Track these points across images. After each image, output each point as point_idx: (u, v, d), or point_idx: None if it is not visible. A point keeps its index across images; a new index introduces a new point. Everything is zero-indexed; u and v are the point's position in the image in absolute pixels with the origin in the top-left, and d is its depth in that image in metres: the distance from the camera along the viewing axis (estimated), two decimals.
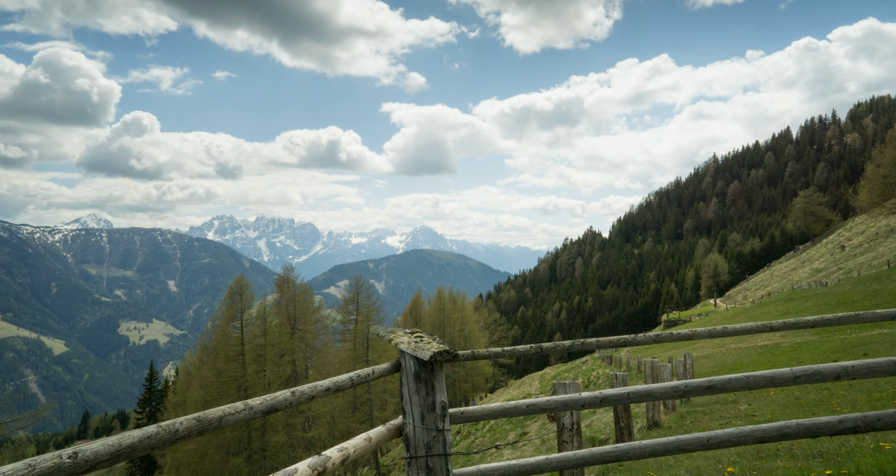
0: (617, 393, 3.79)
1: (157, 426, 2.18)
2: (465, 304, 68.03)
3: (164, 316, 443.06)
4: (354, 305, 41.63)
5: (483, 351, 3.74)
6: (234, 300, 37.88)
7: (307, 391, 2.92)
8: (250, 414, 2.57)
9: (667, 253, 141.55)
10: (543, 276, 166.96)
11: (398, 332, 3.83)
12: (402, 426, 3.58)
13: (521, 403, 3.69)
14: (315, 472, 2.89)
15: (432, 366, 3.47)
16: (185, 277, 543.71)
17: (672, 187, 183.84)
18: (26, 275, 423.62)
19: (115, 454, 2.01)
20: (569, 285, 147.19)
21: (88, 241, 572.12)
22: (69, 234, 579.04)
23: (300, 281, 45.18)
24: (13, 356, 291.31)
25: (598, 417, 15.67)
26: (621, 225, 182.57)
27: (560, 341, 3.94)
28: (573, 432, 5.47)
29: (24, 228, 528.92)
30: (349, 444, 3.23)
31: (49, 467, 1.81)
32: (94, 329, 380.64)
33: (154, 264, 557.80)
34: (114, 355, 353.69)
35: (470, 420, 3.64)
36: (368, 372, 3.43)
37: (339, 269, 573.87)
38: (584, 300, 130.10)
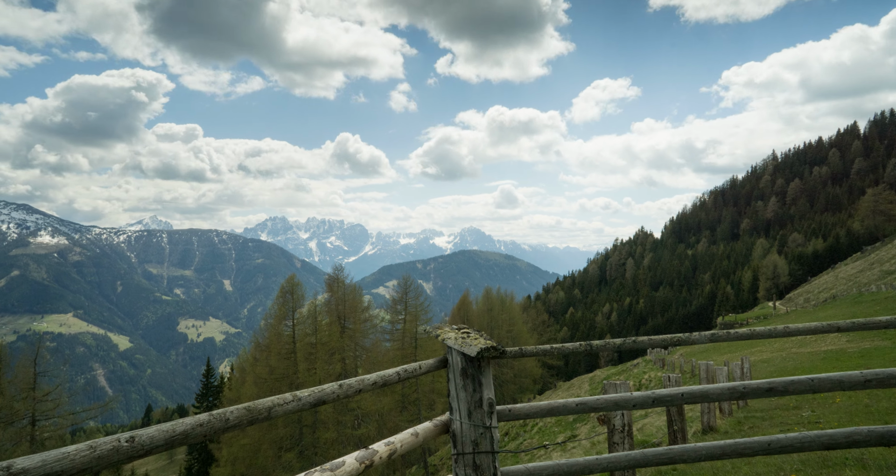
0: (670, 393, 3.66)
1: (208, 414, 2.23)
2: (513, 305, 67.63)
3: (220, 314, 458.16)
4: (403, 305, 42.00)
5: (531, 348, 3.67)
6: (285, 299, 38.74)
7: (354, 384, 2.93)
8: (298, 405, 2.60)
9: (722, 254, 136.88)
10: (593, 277, 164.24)
11: (445, 328, 3.81)
12: (448, 422, 3.55)
13: (570, 402, 3.61)
14: (362, 465, 2.89)
15: (479, 362, 3.44)
16: (240, 277, 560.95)
17: (728, 186, 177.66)
18: (94, 274, 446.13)
19: (169, 440, 2.06)
20: (619, 286, 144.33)
21: (150, 242, 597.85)
22: (132, 235, 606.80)
23: (349, 281, 45.83)
24: (83, 351, 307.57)
25: (650, 421, 15.26)
26: (674, 225, 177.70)
27: (610, 339, 3.83)
28: (624, 434, 5.32)
29: (93, 230, 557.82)
30: (396, 439, 3.24)
31: (108, 449, 1.89)
32: (156, 326, 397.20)
33: (210, 264, 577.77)
34: (173, 352, 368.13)
35: (518, 418, 3.58)
36: (415, 367, 3.43)
37: (387, 269, 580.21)
38: (636, 302, 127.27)
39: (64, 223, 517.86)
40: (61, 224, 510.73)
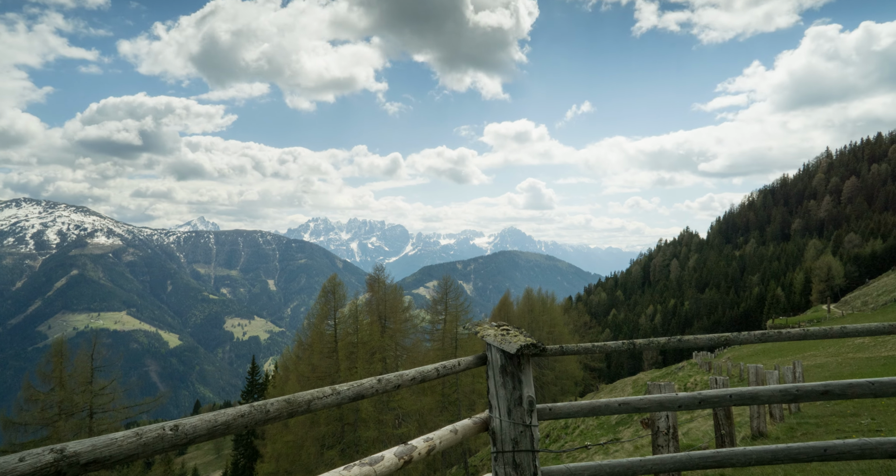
0: (717, 394, 3.53)
1: (249, 406, 2.26)
2: (554, 306, 66.95)
3: (264, 313, 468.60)
4: (443, 306, 42.08)
5: (572, 346, 3.61)
6: (327, 299, 39.30)
7: (393, 380, 2.93)
8: (337, 399, 2.61)
9: (772, 255, 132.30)
10: (636, 279, 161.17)
11: (484, 325, 3.78)
12: (488, 420, 3.52)
13: (612, 401, 3.52)
14: (401, 460, 2.89)
15: (519, 359, 3.39)
16: (284, 277, 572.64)
17: (778, 185, 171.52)
18: (146, 274, 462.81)
19: (211, 429, 2.10)
20: (663, 288, 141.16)
21: (198, 243, 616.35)
22: (181, 236, 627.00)
23: (390, 281, 46.16)
24: (136, 347, 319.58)
25: (696, 426, 14.84)
26: (720, 225, 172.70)
27: (654, 338, 3.73)
28: (669, 436, 5.18)
29: (145, 231, 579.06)
30: (435, 435, 3.22)
31: (154, 437, 1.93)
32: (203, 324, 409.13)
33: (255, 264, 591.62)
34: (220, 350, 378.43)
35: (558, 416, 3.52)
36: (454, 363, 3.41)
37: (428, 270, 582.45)
38: (680, 304, 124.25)
39: (118, 224, 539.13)
40: (116, 225, 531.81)
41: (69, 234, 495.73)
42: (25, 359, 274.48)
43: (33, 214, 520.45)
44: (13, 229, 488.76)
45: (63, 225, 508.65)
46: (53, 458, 1.69)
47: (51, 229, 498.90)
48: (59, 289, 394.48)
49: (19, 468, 1.63)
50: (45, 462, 1.68)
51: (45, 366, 27.23)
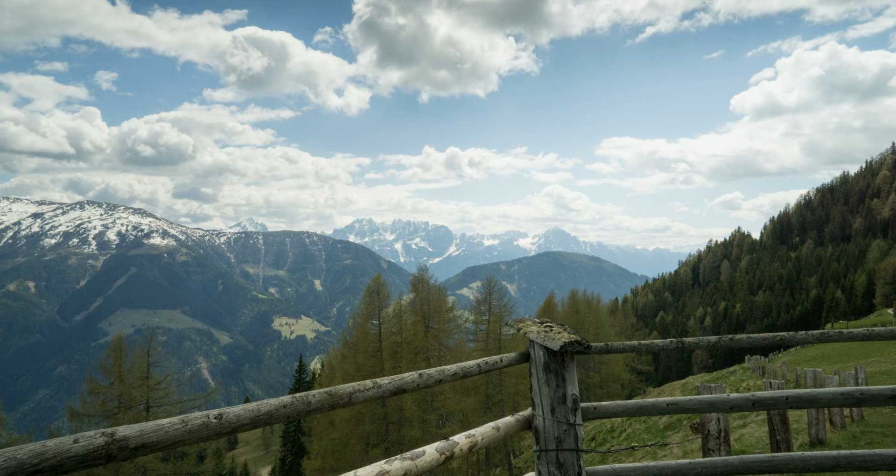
0: (773, 395, 3.38)
1: (291, 397, 2.28)
2: (599, 308, 65.90)
3: (311, 313, 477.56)
4: (486, 306, 41.95)
5: (617, 344, 3.51)
6: (372, 298, 39.71)
7: (434, 374, 2.91)
8: (378, 392, 2.61)
9: (831, 256, 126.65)
10: (685, 280, 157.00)
11: (527, 321, 3.72)
12: (531, 418, 3.47)
13: (660, 401, 3.41)
14: (443, 456, 2.87)
15: (563, 356, 3.33)
16: (330, 277, 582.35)
17: (838, 183, 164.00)
18: (199, 273, 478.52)
19: (254, 419, 2.13)
20: (714, 290, 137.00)
21: (247, 244, 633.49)
22: (231, 237, 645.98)
23: (434, 281, 46.30)
24: (189, 345, 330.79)
25: (750, 432, 14.31)
26: (774, 225, 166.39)
27: (704, 337, 3.60)
28: (720, 440, 4.99)
29: (197, 232, 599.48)
30: (477, 432, 3.19)
31: (199, 424, 1.97)
32: (253, 323, 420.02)
33: (302, 264, 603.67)
34: (269, 348, 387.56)
35: (603, 416, 3.43)
36: (496, 360, 3.37)
37: (471, 270, 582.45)
38: (732, 306, 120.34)
39: (172, 225, 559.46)
40: (170, 226, 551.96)
41: (127, 234, 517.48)
42: (89, 354, 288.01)
43: (95, 216, 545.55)
44: (77, 230, 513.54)
45: (122, 226, 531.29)
46: (104, 442, 1.75)
47: (111, 230, 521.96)
48: (119, 287, 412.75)
49: (73, 449, 1.69)
50: (97, 445, 1.73)
51: (106, 360, 28.48)
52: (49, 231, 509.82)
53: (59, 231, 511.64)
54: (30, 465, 1.61)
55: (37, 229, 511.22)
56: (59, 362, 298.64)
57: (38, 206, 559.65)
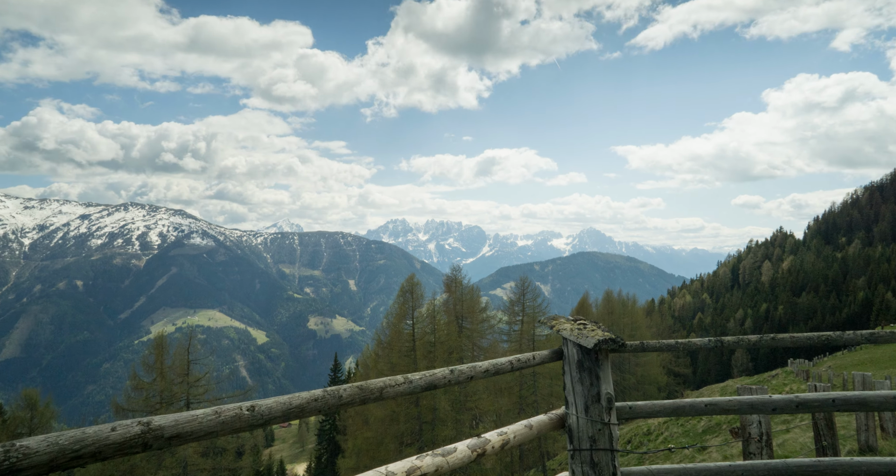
0: (818, 397, 3.25)
1: (323, 390, 2.29)
2: (635, 309, 64.89)
3: (345, 312, 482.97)
4: (520, 306, 41.75)
5: (653, 342, 3.44)
6: (405, 298, 39.91)
7: (466, 371, 2.89)
8: (409, 388, 2.61)
9: (881, 256, 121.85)
10: (724, 281, 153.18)
11: (560, 319, 3.67)
12: (564, 417, 3.42)
13: (698, 402, 3.32)
14: (474, 452, 2.85)
15: (597, 354, 3.27)
16: (364, 277, 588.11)
17: (888, 181, 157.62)
18: (236, 273, 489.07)
19: (286, 412, 2.15)
20: (754, 291, 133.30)
21: (283, 244, 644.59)
22: (268, 237, 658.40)
23: (467, 282, 46.29)
24: (228, 343, 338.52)
25: (793, 437, 13.85)
26: (819, 225, 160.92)
27: (744, 336, 3.49)
28: (762, 444, 4.84)
29: (235, 232, 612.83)
30: (509, 430, 3.16)
31: (231, 415, 1.99)
32: (289, 322, 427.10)
33: (337, 265, 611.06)
34: (304, 347, 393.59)
35: (639, 416, 3.36)
36: (529, 357, 3.33)
37: (504, 271, 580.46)
38: (773, 308, 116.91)
39: (211, 226, 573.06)
40: (209, 227, 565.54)
41: (168, 235, 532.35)
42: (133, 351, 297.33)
43: (138, 217, 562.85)
44: (122, 231, 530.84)
45: (163, 227, 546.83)
46: (140, 430, 1.79)
47: (153, 231, 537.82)
48: (161, 286, 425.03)
49: (111, 437, 1.74)
50: (134, 433, 1.78)
51: (149, 358, 29.39)
52: (95, 232, 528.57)
53: (104, 232, 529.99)
54: (70, 451, 1.66)
55: (84, 230, 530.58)
56: (105, 359, 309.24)
57: (86, 208, 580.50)
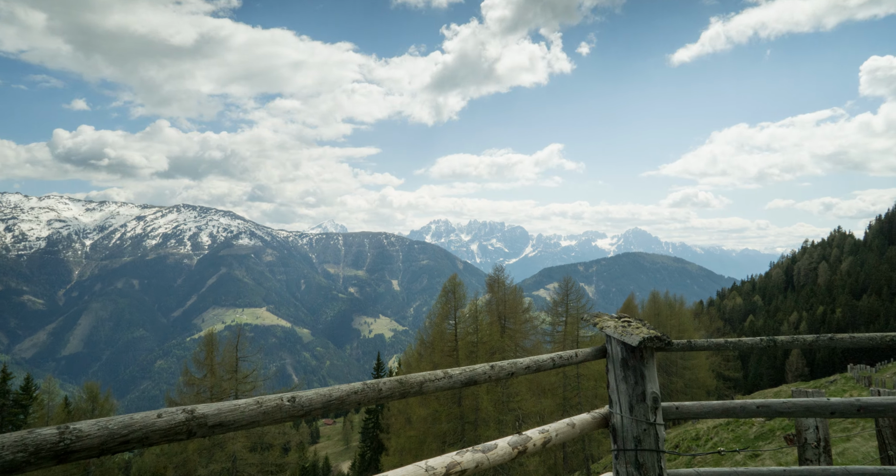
0: (883, 402, 3.07)
1: (363, 383, 2.31)
2: (683, 310, 63.26)
3: (388, 312, 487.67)
4: (563, 307, 41.28)
5: (701, 341, 3.33)
6: (448, 298, 39.96)
7: (506, 367, 2.86)
8: (449, 382, 2.59)
9: None
10: (777, 283, 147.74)
11: (604, 316, 3.59)
12: (608, 416, 3.34)
13: (749, 403, 3.19)
14: (515, 450, 2.81)
15: (642, 353, 3.18)
16: (407, 277, 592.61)
17: None
18: (283, 273, 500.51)
19: (325, 403, 2.16)
20: (810, 293, 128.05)
21: (328, 244, 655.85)
22: (313, 238, 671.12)
23: (510, 282, 46.01)
24: (274, 341, 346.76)
25: (854, 446, 13.21)
26: (881, 224, 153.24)
27: (799, 335, 3.33)
28: (819, 450, 4.62)
29: (281, 233, 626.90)
30: (551, 427, 3.11)
31: (272, 406, 2.02)
32: (333, 322, 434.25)
33: (380, 265, 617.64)
34: (348, 346, 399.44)
35: (686, 416, 3.25)
36: (571, 354, 3.27)
37: (548, 271, 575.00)
38: (831, 311, 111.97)
39: (258, 227, 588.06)
40: (257, 228, 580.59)
41: (218, 236, 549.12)
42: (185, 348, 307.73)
43: (190, 218, 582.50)
44: (175, 232, 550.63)
45: (213, 228, 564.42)
46: (185, 418, 1.83)
47: (204, 232, 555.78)
48: (211, 286, 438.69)
49: (157, 423, 1.79)
50: (178, 420, 1.82)
51: (199, 354, 30.36)
52: (150, 232, 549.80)
53: (158, 233, 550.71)
54: (119, 435, 1.71)
55: (140, 231, 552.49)
56: (158, 355, 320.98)
57: (142, 210, 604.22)
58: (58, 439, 1.62)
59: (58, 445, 1.62)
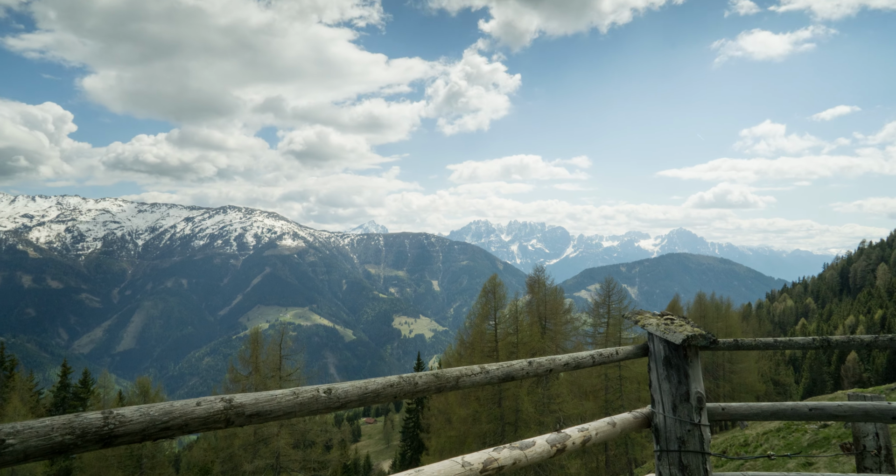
0: None
1: (398, 377, 2.30)
2: (730, 313, 61.43)
3: (428, 312, 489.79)
4: (605, 309, 40.60)
5: (749, 340, 3.20)
6: (487, 298, 39.80)
7: (545, 363, 2.81)
8: (486, 378, 2.56)
9: None
10: (831, 285, 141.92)
11: (646, 314, 3.49)
12: (650, 416, 3.25)
13: (800, 405, 3.06)
14: (553, 448, 2.76)
15: (685, 351, 3.08)
16: (447, 278, 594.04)
17: None
18: (325, 273, 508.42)
19: (361, 396, 2.17)
20: (867, 296, 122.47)
21: (369, 245, 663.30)
22: (354, 238, 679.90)
23: (550, 283, 45.54)
24: (317, 340, 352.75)
25: None
26: None
27: (856, 336, 3.17)
28: (880, 458, 4.38)
29: (323, 234, 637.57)
30: (591, 426, 3.04)
31: (309, 397, 2.04)
32: (374, 321, 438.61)
33: (421, 265, 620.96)
34: (389, 346, 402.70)
35: (732, 417, 3.14)
36: (612, 351, 3.19)
37: (589, 272, 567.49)
38: (892, 314, 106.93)
39: (302, 228, 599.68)
40: (300, 229, 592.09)
41: (263, 236, 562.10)
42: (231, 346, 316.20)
43: (236, 220, 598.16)
44: (221, 233, 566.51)
45: (258, 228, 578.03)
46: (223, 406, 1.86)
47: (249, 232, 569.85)
48: (255, 285, 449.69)
49: (196, 411, 1.82)
50: (217, 409, 1.85)
51: (245, 352, 31.13)
52: (198, 233, 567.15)
53: (206, 233, 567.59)
54: (160, 422, 1.75)
55: (188, 232, 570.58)
56: (206, 353, 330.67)
57: (190, 211, 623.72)
58: (102, 423, 1.67)
59: (102, 429, 1.66)
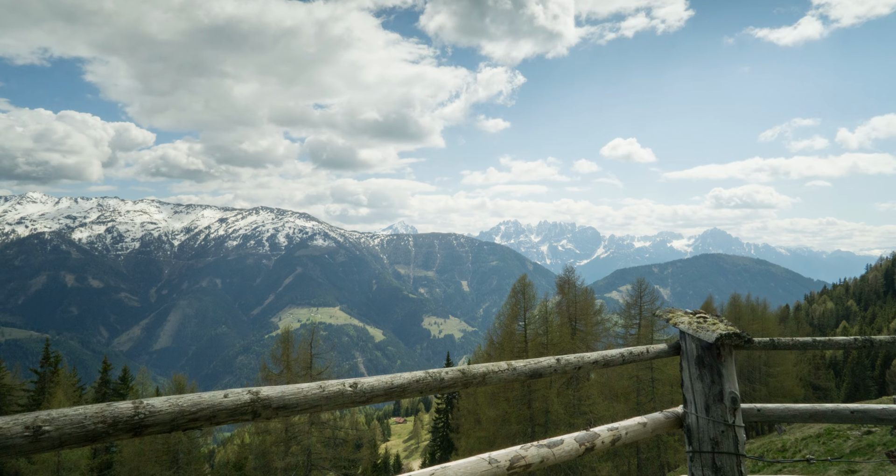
0: None
1: (425, 372, 2.29)
2: (766, 315, 59.89)
3: (458, 313, 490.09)
4: (637, 310, 40.04)
5: (786, 339, 3.10)
6: (517, 299, 39.60)
7: (573, 360, 2.77)
8: (513, 374, 2.54)
9: None
10: (874, 287, 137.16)
11: (678, 312, 3.42)
12: (682, 416, 3.17)
13: (841, 407, 2.95)
14: (582, 446, 2.72)
15: (719, 350, 3.00)
16: (476, 278, 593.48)
17: None
18: (355, 273, 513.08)
19: (387, 390, 2.17)
20: None
21: (398, 245, 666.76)
22: (384, 239, 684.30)
23: (580, 283, 45.10)
24: (347, 340, 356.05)
25: None
26: None
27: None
28: None
29: (353, 234, 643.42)
30: (621, 425, 2.99)
31: (335, 391, 2.05)
32: (404, 321, 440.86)
33: (450, 266, 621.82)
34: (418, 346, 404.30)
35: (768, 419, 3.04)
36: (642, 350, 3.13)
37: (620, 273, 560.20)
38: None
39: (332, 229, 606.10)
40: (330, 229, 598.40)
41: (294, 237, 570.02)
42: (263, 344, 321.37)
43: (268, 220, 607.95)
44: (254, 233, 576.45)
45: (290, 229, 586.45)
46: (250, 399, 1.88)
47: (280, 233, 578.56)
48: (287, 285, 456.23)
49: (224, 402, 1.85)
50: (244, 401, 1.87)
51: (276, 351, 31.59)
52: (231, 234, 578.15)
53: (239, 234, 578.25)
54: (189, 413, 1.78)
55: (222, 232, 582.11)
56: (239, 351, 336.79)
57: (223, 212, 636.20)
58: (133, 413, 1.70)
59: (133, 419, 1.70)
